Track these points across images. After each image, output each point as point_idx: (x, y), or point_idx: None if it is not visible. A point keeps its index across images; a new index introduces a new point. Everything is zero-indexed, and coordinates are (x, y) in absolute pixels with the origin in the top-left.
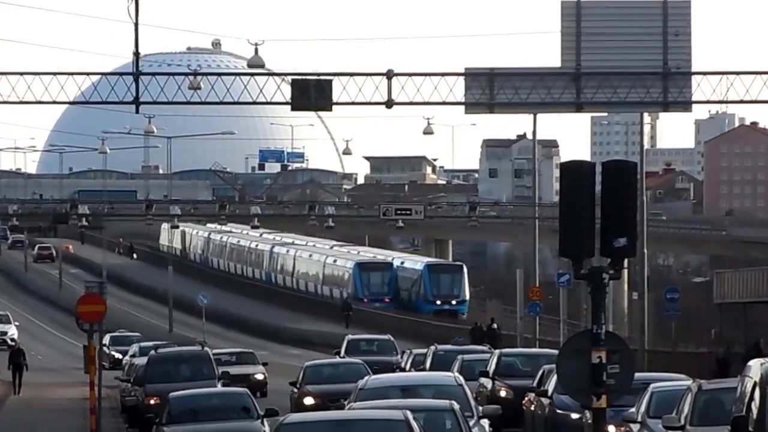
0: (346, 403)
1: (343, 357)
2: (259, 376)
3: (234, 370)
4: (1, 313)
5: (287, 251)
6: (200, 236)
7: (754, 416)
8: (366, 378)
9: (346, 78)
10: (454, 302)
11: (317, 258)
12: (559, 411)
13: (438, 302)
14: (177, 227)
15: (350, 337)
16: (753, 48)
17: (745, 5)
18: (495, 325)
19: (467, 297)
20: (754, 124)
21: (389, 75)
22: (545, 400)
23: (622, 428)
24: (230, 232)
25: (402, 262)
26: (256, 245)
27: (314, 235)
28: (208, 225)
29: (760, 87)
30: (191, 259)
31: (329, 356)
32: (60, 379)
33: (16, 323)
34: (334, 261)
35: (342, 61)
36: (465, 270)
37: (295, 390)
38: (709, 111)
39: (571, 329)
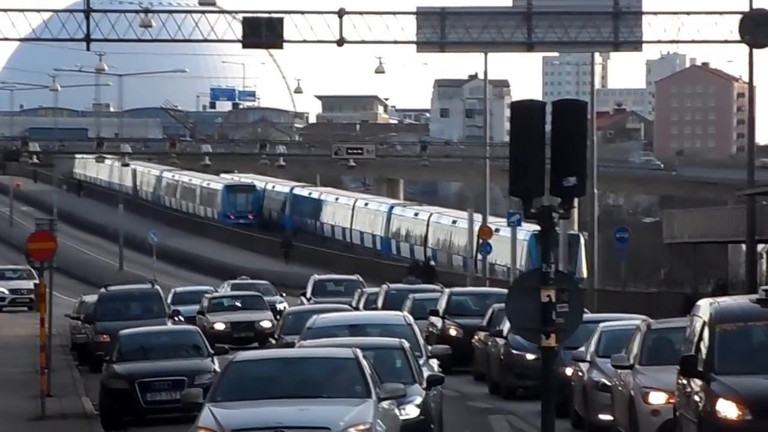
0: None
1: (310, 299)
2: (266, 324)
3: (237, 316)
4: None
5: (187, 180)
6: (152, 175)
7: (703, 356)
8: (314, 317)
9: (297, 16)
10: (250, 217)
11: (197, 182)
12: (514, 352)
13: (232, 217)
14: (127, 165)
15: (316, 277)
16: None
17: None
18: (432, 263)
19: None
20: (705, 64)
21: (341, 13)
22: (500, 341)
23: (574, 368)
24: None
25: (269, 185)
26: (189, 180)
27: (266, 175)
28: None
29: (711, 27)
30: (141, 197)
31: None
32: (12, 317)
33: None
34: (208, 184)
35: None
36: (257, 188)
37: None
38: (660, 51)
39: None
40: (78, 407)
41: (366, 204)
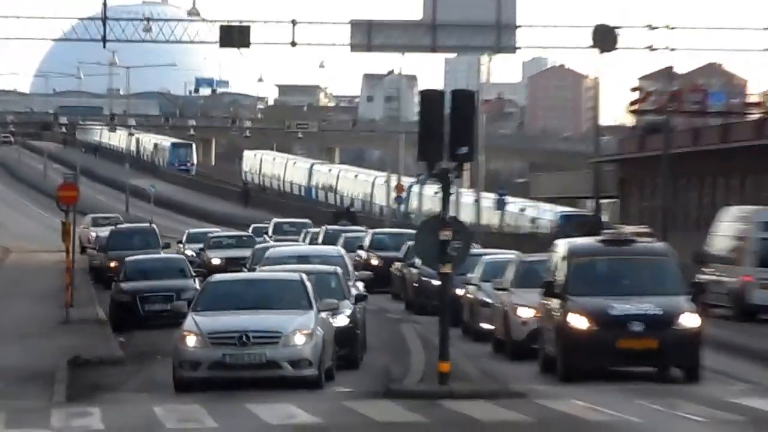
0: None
1: (272, 237)
2: None
3: (231, 253)
4: None
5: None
6: (151, 142)
7: (561, 281)
8: (271, 249)
9: (260, 24)
10: (188, 164)
11: (160, 143)
12: (424, 278)
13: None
14: (132, 134)
15: (276, 220)
16: (568, 7)
17: None
18: (352, 209)
19: (195, 163)
20: (561, 65)
21: (293, 22)
22: (414, 270)
23: (464, 290)
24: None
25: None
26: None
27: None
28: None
29: (568, 37)
30: (142, 158)
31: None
32: (44, 247)
33: None
34: (161, 143)
35: (259, 10)
36: (194, 147)
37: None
38: (531, 55)
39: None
40: (93, 315)
41: (295, 163)
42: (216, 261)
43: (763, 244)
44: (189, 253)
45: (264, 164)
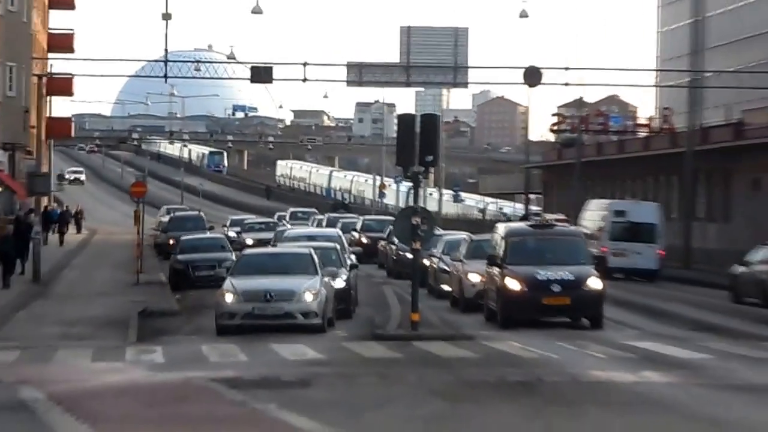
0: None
1: (289, 222)
2: None
3: (260, 235)
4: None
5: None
6: (199, 152)
7: (500, 254)
8: (287, 231)
9: (280, 65)
10: (220, 167)
11: (198, 150)
12: (401, 252)
13: (213, 167)
14: (186, 146)
15: (292, 209)
16: (506, 53)
17: (500, 33)
18: (346, 201)
19: (225, 165)
20: (501, 96)
21: (305, 64)
22: (393, 246)
23: (430, 261)
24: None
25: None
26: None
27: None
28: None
29: (506, 75)
30: (196, 165)
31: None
32: (121, 230)
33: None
34: (202, 152)
35: (279, 54)
36: (225, 154)
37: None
38: (479, 89)
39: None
40: (157, 279)
41: (318, 170)
42: (249, 241)
43: (614, 225)
44: (231, 234)
45: (293, 171)
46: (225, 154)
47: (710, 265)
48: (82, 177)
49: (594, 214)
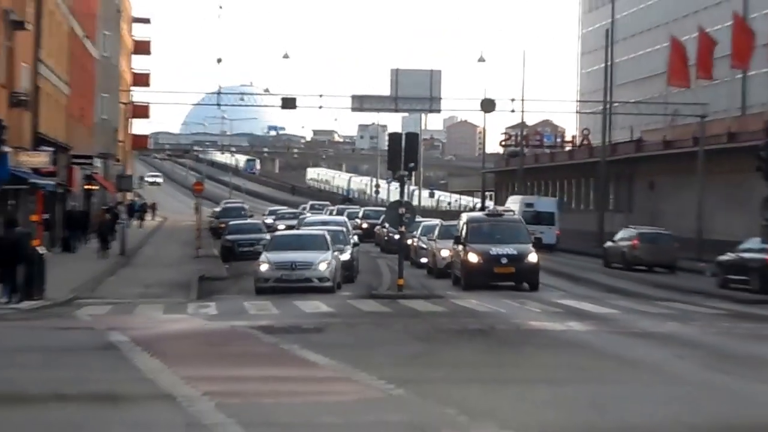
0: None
1: (309, 211)
2: None
3: (289, 222)
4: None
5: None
6: (240, 159)
7: (463, 236)
8: (307, 218)
9: (301, 96)
10: (254, 170)
11: (240, 158)
12: (390, 234)
13: (249, 171)
14: (233, 155)
15: (311, 202)
16: (468, 86)
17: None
18: (351, 197)
19: (258, 168)
20: (465, 120)
21: (320, 96)
22: (385, 230)
23: (412, 240)
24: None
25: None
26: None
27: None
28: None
29: (468, 104)
30: (237, 169)
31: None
32: (185, 217)
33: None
34: (243, 159)
35: (301, 87)
36: (258, 161)
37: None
38: (449, 114)
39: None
40: (211, 253)
41: (340, 175)
42: (281, 226)
43: (525, 213)
44: (269, 221)
45: (320, 175)
46: (257, 160)
47: None
48: (160, 180)
49: (512, 205)
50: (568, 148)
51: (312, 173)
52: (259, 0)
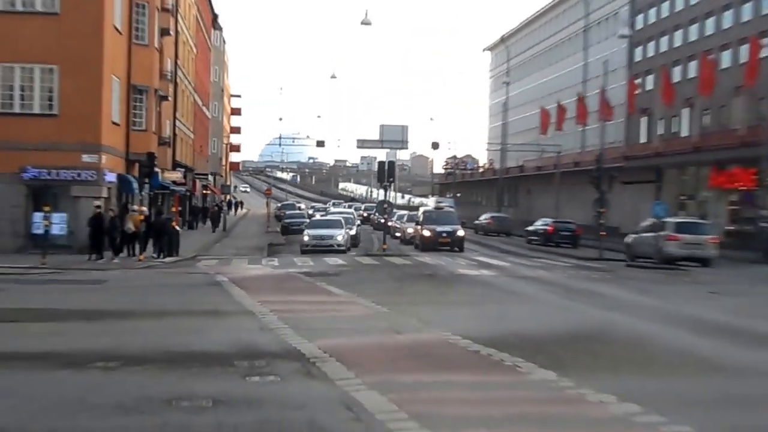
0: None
1: (332, 205)
2: None
3: (320, 212)
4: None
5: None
6: (284, 175)
7: (421, 220)
8: (330, 209)
9: (329, 140)
10: (296, 182)
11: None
12: (379, 220)
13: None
14: (287, 173)
15: (333, 201)
16: (423, 133)
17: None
18: (356, 198)
19: (299, 181)
20: (421, 155)
21: (338, 138)
22: (375, 216)
23: (391, 223)
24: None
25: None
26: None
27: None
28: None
29: (423, 145)
30: (289, 181)
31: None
32: (261, 209)
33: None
34: (291, 176)
35: (330, 131)
36: (298, 176)
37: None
38: (413, 150)
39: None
40: (275, 230)
41: (359, 186)
42: (317, 215)
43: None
44: (310, 212)
45: (348, 186)
46: (298, 176)
47: None
48: (248, 189)
49: (431, 203)
50: (480, 170)
51: (342, 186)
52: (304, 83)
